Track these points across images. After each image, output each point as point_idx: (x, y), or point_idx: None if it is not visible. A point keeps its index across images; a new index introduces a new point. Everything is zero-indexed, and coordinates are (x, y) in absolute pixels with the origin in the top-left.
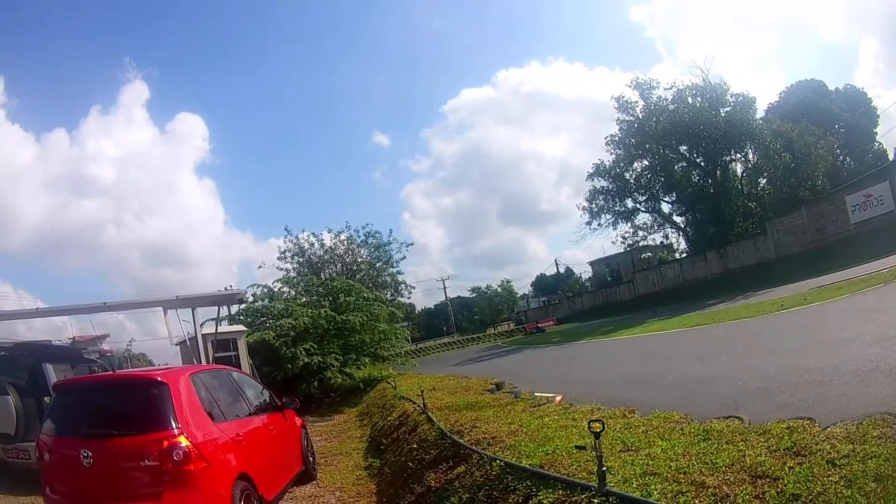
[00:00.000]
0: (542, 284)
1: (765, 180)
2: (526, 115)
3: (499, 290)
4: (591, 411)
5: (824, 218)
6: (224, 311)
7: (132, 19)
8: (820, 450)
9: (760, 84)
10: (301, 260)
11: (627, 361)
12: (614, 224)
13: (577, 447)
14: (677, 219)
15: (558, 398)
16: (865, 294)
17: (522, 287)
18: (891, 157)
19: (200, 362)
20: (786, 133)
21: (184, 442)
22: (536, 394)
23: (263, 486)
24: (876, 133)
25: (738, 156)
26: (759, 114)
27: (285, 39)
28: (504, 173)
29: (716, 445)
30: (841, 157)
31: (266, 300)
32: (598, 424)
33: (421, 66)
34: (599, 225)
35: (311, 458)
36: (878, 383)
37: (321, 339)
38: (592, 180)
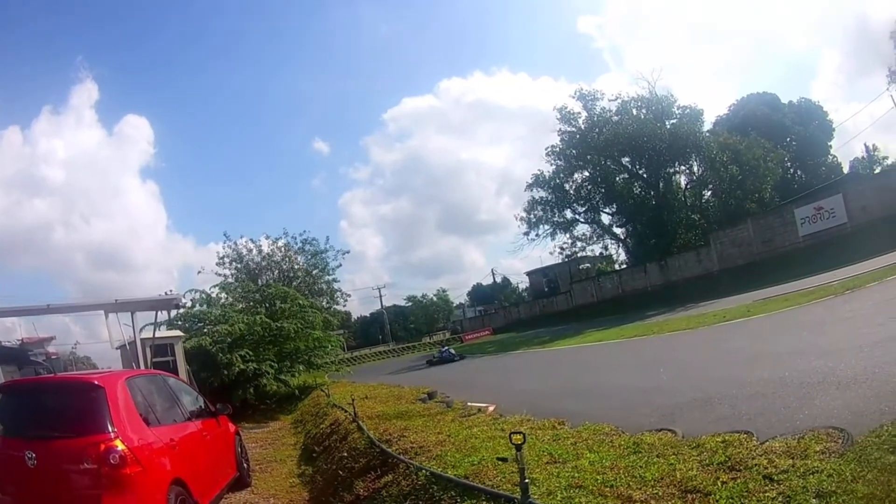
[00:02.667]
0: (479, 294)
1: (710, 192)
2: (468, 124)
3: (434, 299)
4: (521, 422)
5: (772, 230)
6: (163, 316)
7: (87, 18)
8: (756, 464)
9: (715, 96)
10: (239, 266)
11: (563, 372)
12: (552, 235)
13: (499, 459)
14: (617, 230)
15: (490, 408)
16: (813, 306)
17: (459, 296)
18: (845, 171)
19: (139, 367)
20: (733, 145)
21: (119, 446)
22: (469, 403)
23: (198, 492)
24: (830, 146)
25: (683, 168)
26: (707, 126)
27: (230, 43)
28: (443, 182)
29: (646, 459)
30: (792, 170)
31: (203, 305)
32: (519, 436)
33: (363, 73)
34: (537, 235)
35: (245, 465)
36: (825, 396)
37: (257, 346)
38: (532, 191)
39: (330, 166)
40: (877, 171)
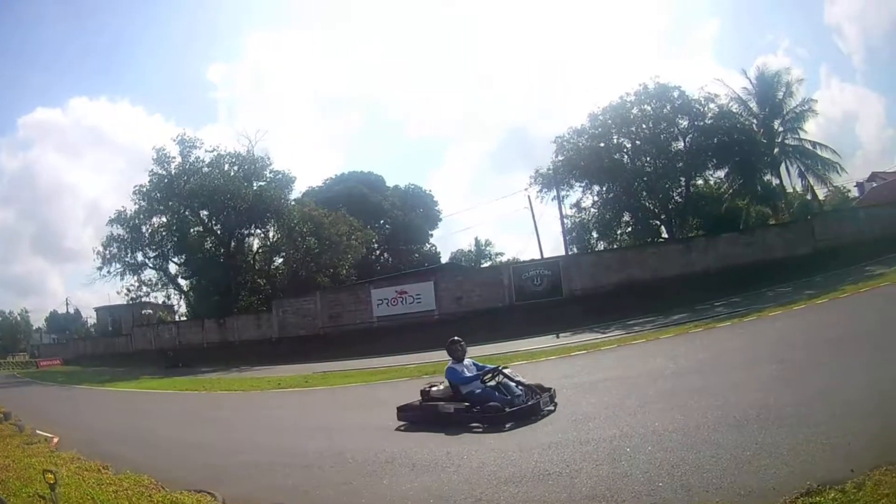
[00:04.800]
0: (55, 321)
1: (281, 259)
2: (80, 147)
3: (19, 318)
4: (73, 459)
5: (340, 306)
6: None
7: None
8: None
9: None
10: None
11: (119, 414)
12: (122, 274)
13: (39, 495)
14: (183, 282)
15: (55, 440)
16: (376, 386)
17: (39, 320)
18: (443, 260)
19: None
20: (317, 218)
21: None
22: (38, 431)
23: None
24: (432, 235)
25: (259, 231)
26: (297, 195)
27: None
28: (45, 201)
29: None
30: (379, 252)
31: None
32: (51, 476)
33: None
34: (109, 272)
35: None
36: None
37: None
38: (112, 226)
39: None
40: (485, 264)
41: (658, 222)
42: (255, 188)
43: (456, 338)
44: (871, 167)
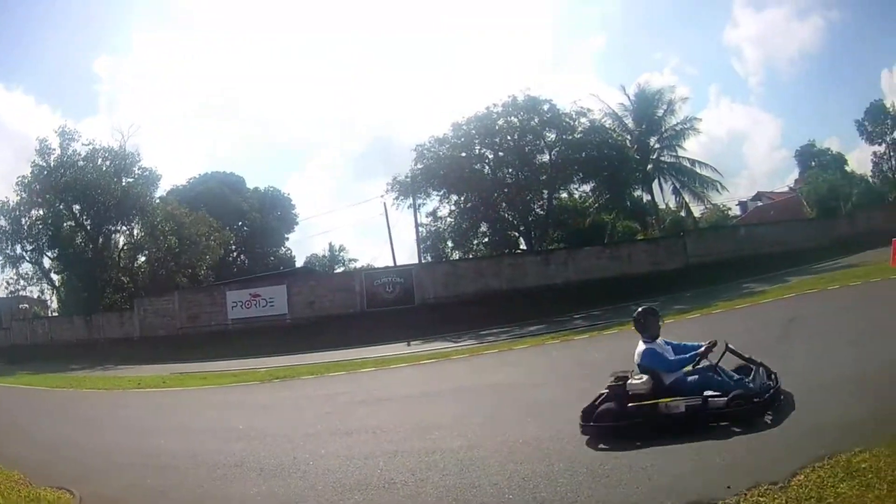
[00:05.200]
0: None
1: (144, 258)
2: None
3: None
4: None
5: (199, 307)
6: None
7: None
8: None
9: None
10: None
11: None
12: (2, 267)
13: None
14: (55, 276)
15: None
16: (231, 388)
17: None
18: (299, 264)
19: None
20: (179, 217)
21: None
22: None
23: None
24: (288, 238)
25: (125, 228)
26: (163, 193)
27: None
28: None
29: None
30: (236, 254)
31: None
32: None
33: None
34: None
35: None
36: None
37: None
38: None
39: None
40: (339, 270)
41: (517, 234)
42: (123, 184)
43: (651, 306)
44: (759, 187)
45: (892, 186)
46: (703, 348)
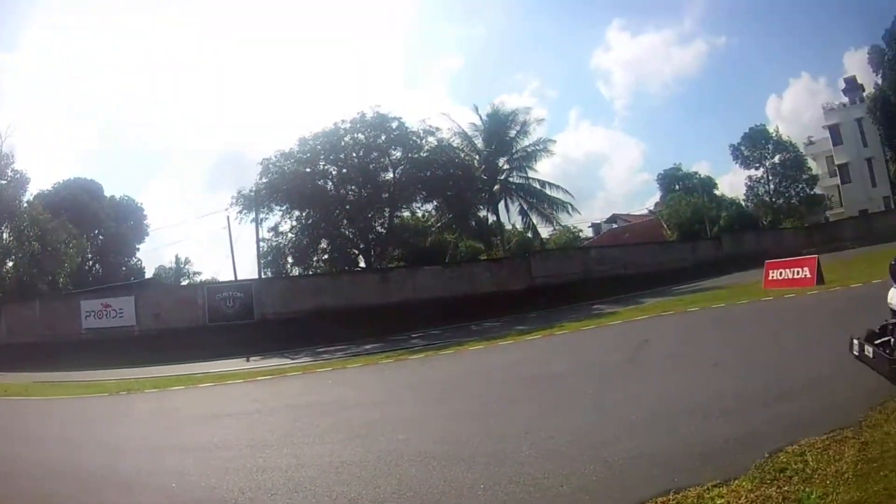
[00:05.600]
0: None
1: (12, 263)
2: None
3: None
4: None
5: (58, 316)
6: None
7: None
8: None
9: None
10: None
11: None
12: None
13: None
14: None
15: None
16: (88, 399)
17: None
18: (148, 275)
19: None
20: (43, 223)
21: None
22: None
23: None
24: (139, 248)
25: None
26: (30, 197)
27: None
28: None
29: None
30: (92, 262)
31: None
32: None
33: None
34: None
35: None
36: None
37: None
38: None
39: None
40: (184, 282)
41: (357, 251)
42: None
43: None
44: (617, 209)
45: (767, 210)
46: None
